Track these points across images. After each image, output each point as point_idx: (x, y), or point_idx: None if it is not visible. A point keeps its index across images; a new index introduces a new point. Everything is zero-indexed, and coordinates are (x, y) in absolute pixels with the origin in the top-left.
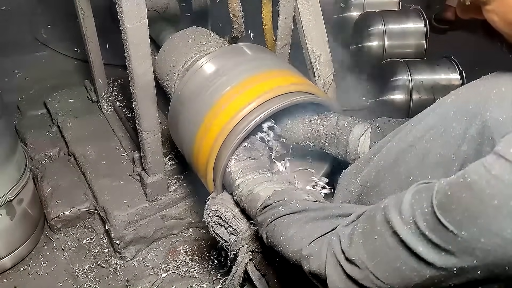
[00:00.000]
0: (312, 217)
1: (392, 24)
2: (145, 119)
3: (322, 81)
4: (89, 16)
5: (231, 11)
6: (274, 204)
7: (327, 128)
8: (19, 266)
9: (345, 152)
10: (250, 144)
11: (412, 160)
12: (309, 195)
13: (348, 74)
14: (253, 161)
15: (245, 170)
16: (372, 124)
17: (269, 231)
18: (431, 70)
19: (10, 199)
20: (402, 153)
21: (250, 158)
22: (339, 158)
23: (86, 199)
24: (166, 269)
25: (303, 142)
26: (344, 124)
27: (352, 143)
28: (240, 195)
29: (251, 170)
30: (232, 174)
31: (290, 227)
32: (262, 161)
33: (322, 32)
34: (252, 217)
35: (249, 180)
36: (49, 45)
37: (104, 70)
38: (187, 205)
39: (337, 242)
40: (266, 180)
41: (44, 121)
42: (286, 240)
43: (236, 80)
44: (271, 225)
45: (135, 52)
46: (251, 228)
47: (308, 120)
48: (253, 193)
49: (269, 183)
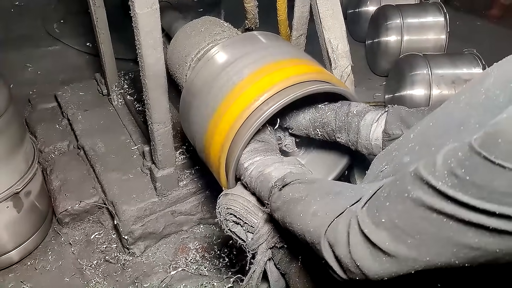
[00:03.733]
0: (336, 192)
1: (410, 18)
2: (156, 110)
3: (339, 72)
4: (101, 6)
5: (245, 0)
6: (293, 182)
7: (337, 114)
8: (26, 260)
9: (356, 139)
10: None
11: (447, 132)
12: None
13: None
14: (261, 144)
15: (253, 152)
16: (388, 110)
17: (286, 210)
18: (452, 64)
19: (17, 190)
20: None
21: (257, 140)
22: (350, 146)
23: (95, 193)
24: (175, 266)
25: (310, 130)
26: (357, 110)
27: (364, 129)
28: (250, 177)
29: (260, 152)
30: (240, 158)
31: (312, 204)
32: (270, 144)
33: (340, 21)
34: (264, 197)
35: (258, 161)
36: (62, 40)
37: (115, 63)
38: (198, 200)
39: (363, 211)
40: (277, 161)
41: (55, 114)
42: (308, 216)
43: (250, 69)
44: (288, 203)
45: (146, 40)
46: (267, 222)
47: (315, 106)
48: (264, 174)
49: (280, 164)
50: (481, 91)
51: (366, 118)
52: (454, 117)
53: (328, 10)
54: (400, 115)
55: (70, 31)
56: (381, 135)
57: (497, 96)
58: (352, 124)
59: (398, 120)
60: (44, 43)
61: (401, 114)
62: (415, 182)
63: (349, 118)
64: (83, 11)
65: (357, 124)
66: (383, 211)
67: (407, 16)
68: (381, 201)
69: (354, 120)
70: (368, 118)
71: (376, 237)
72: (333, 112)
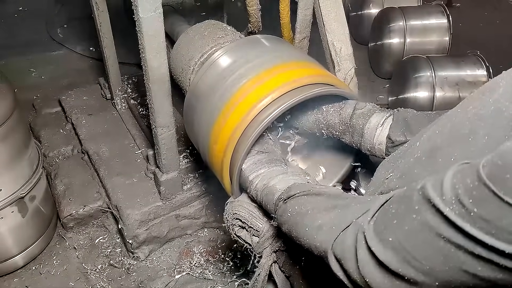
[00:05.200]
0: (341, 205)
1: (413, 20)
2: (160, 114)
3: (342, 75)
4: (104, 11)
5: (248, 3)
6: (297, 195)
7: (341, 116)
8: (31, 265)
9: (360, 141)
10: (260, 138)
11: (454, 144)
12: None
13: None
14: (265, 155)
15: (257, 164)
16: (394, 114)
17: (292, 224)
18: (456, 66)
19: (22, 195)
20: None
21: (261, 152)
22: (354, 146)
23: (99, 197)
24: (180, 270)
25: (315, 130)
26: (362, 112)
27: (368, 132)
28: (255, 190)
29: (264, 164)
30: (244, 170)
31: (318, 218)
32: (274, 153)
33: (343, 24)
34: (270, 211)
35: (263, 174)
36: (65, 44)
37: (118, 67)
38: (202, 204)
39: (369, 226)
40: (281, 173)
41: (59, 119)
42: (313, 230)
43: (254, 72)
44: (294, 217)
45: (149, 44)
46: (272, 227)
47: (318, 107)
48: (268, 187)
49: (284, 175)
50: (490, 101)
51: (371, 121)
52: (462, 127)
53: (331, 13)
54: (405, 120)
55: (73, 36)
56: (385, 140)
57: (506, 107)
58: (356, 127)
59: (403, 126)
60: (48, 48)
61: (406, 119)
62: (423, 203)
63: (354, 120)
64: (87, 16)
65: (361, 127)
66: (390, 229)
67: (410, 18)
68: (388, 217)
69: (358, 122)
70: (374, 121)
71: (383, 256)
72: (337, 114)
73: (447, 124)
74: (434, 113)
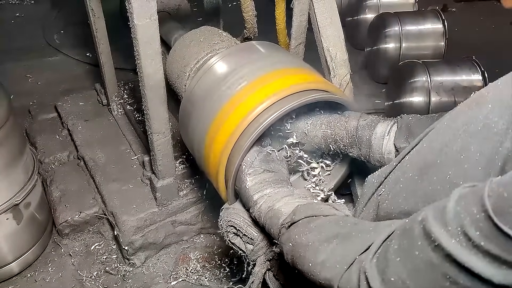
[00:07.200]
0: (343, 234)
1: (409, 26)
2: (155, 120)
3: (338, 81)
4: (100, 17)
5: (243, 10)
6: (300, 222)
7: (347, 129)
8: (26, 272)
9: (368, 153)
10: (266, 156)
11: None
12: (336, 210)
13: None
14: (271, 174)
15: (263, 184)
16: (398, 121)
17: (295, 255)
18: (451, 71)
19: (16, 202)
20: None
21: (267, 170)
22: (362, 159)
23: (95, 203)
24: (176, 277)
25: (323, 145)
26: (366, 123)
27: (375, 143)
28: (259, 211)
29: (270, 184)
30: (249, 189)
31: (320, 251)
32: (280, 173)
33: (338, 30)
34: (274, 235)
35: (268, 195)
36: (62, 50)
37: (114, 73)
38: (198, 210)
39: (372, 264)
40: (287, 195)
41: (55, 125)
42: (317, 266)
43: (250, 78)
44: (297, 250)
45: (144, 50)
46: (266, 236)
47: (327, 122)
48: (273, 209)
49: (290, 198)
50: (479, 118)
51: (377, 131)
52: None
53: (327, 19)
54: (408, 126)
55: (70, 42)
56: (393, 148)
57: (495, 123)
58: (363, 139)
59: (406, 133)
60: (44, 53)
61: (409, 125)
62: (425, 238)
63: (359, 131)
64: (83, 22)
65: (368, 138)
66: (392, 268)
67: (405, 24)
68: (390, 253)
69: (364, 133)
70: (379, 131)
71: None
72: (343, 128)
73: (437, 138)
74: (437, 115)
